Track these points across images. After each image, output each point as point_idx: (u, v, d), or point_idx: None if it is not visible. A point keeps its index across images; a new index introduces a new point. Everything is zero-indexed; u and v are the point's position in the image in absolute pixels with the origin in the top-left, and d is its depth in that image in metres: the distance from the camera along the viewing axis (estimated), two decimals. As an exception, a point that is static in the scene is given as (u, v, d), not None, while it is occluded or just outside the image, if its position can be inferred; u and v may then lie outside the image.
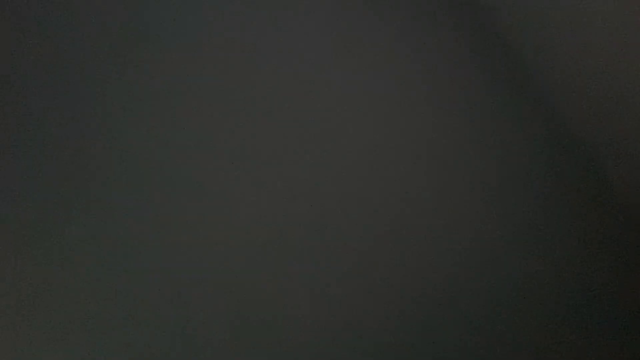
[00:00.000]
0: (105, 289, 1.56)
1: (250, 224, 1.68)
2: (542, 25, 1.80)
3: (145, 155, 1.61)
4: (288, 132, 1.72)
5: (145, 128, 1.61)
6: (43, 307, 1.52)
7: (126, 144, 1.60)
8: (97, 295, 1.56)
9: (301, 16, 1.75)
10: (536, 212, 1.92)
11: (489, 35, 1.90)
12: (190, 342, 1.62)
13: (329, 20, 1.78)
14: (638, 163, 1.86)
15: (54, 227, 1.54)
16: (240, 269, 1.67)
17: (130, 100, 1.60)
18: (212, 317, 1.64)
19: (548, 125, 1.94)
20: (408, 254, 1.80)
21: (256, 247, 1.68)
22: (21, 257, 1.51)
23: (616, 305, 1.98)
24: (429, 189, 1.83)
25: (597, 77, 1.78)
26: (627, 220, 1.98)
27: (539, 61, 1.88)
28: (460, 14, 1.88)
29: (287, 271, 1.70)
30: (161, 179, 1.62)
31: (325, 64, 1.76)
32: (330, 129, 1.76)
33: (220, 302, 1.65)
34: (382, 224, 1.78)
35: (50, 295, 1.52)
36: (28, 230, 1.52)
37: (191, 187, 1.64)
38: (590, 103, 1.85)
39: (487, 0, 1.87)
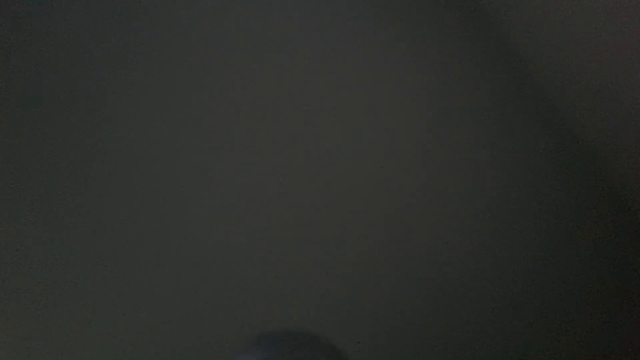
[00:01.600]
0: (105, 288, 1.57)
1: (251, 223, 1.68)
2: (543, 26, 1.80)
3: (147, 154, 1.61)
4: (288, 133, 1.72)
5: (147, 127, 1.62)
6: (43, 306, 1.52)
7: (128, 144, 1.60)
8: (98, 295, 1.56)
9: (300, 17, 1.76)
10: (537, 212, 1.92)
11: (491, 35, 1.90)
12: (191, 341, 1.63)
13: (329, 20, 1.78)
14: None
15: (55, 226, 1.54)
16: (242, 268, 1.67)
17: (131, 100, 1.61)
18: (213, 316, 1.64)
19: (550, 126, 1.94)
20: (408, 257, 1.80)
21: (257, 246, 1.69)
22: (22, 256, 1.51)
23: (617, 304, 1.98)
24: (430, 190, 1.83)
25: (599, 76, 1.78)
26: (629, 220, 1.98)
27: (540, 62, 1.88)
28: (461, 15, 1.88)
29: (289, 271, 1.71)
30: (162, 179, 1.62)
31: (327, 64, 1.77)
32: (330, 129, 1.76)
33: (223, 300, 1.65)
34: (384, 227, 1.78)
35: (51, 294, 1.53)
36: (29, 229, 1.52)
37: (193, 187, 1.64)
38: (592, 103, 1.85)
39: (488, 1, 1.87)
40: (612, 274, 1.99)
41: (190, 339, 1.63)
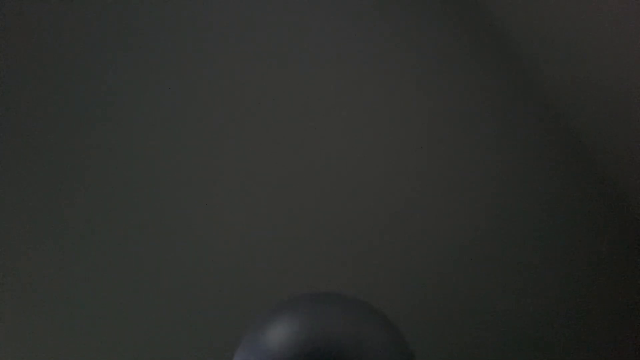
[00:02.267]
0: (105, 288, 1.57)
1: (249, 224, 1.68)
2: (543, 26, 1.79)
3: (147, 154, 1.61)
4: (287, 132, 1.72)
5: (147, 127, 1.61)
6: (42, 306, 1.52)
7: (128, 144, 1.60)
8: (97, 294, 1.56)
9: (301, 17, 1.75)
10: (537, 212, 1.92)
11: (490, 35, 1.90)
12: (189, 341, 1.62)
13: (329, 20, 1.77)
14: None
15: (55, 225, 1.54)
16: (240, 268, 1.67)
17: (132, 99, 1.61)
18: (212, 316, 1.64)
19: (550, 126, 1.93)
20: (406, 258, 1.80)
21: (256, 246, 1.68)
22: (21, 256, 1.51)
23: (616, 304, 1.98)
24: (429, 191, 1.83)
25: (600, 76, 1.78)
26: (629, 220, 1.98)
27: (540, 62, 1.88)
28: (460, 14, 1.88)
29: (288, 271, 1.70)
30: (162, 178, 1.62)
31: (327, 65, 1.76)
32: (330, 129, 1.76)
33: (222, 300, 1.65)
34: (382, 225, 1.78)
35: (51, 294, 1.53)
36: (29, 229, 1.52)
37: (192, 187, 1.64)
38: (592, 103, 1.85)
39: (487, 0, 1.86)
40: (611, 273, 1.99)
41: (188, 338, 1.63)
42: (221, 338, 1.65)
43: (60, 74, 1.57)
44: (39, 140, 1.55)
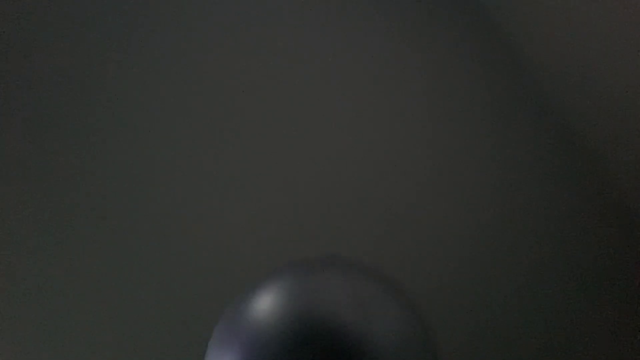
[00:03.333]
0: (104, 289, 1.56)
1: (248, 223, 1.68)
2: (543, 25, 1.79)
3: (147, 153, 1.61)
4: (286, 132, 1.72)
5: (146, 126, 1.61)
6: (41, 306, 1.51)
7: (128, 143, 1.59)
8: (96, 295, 1.55)
9: (299, 15, 1.75)
10: (536, 211, 1.92)
11: (489, 33, 1.90)
12: (189, 340, 1.62)
13: (327, 19, 1.77)
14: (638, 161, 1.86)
15: (54, 225, 1.53)
16: (238, 268, 1.66)
17: (131, 98, 1.60)
18: (210, 317, 1.64)
19: (549, 124, 1.94)
20: (406, 258, 1.80)
21: (255, 246, 1.68)
22: (21, 257, 1.50)
23: (615, 303, 1.98)
24: (429, 189, 1.82)
25: (599, 75, 1.78)
26: (628, 219, 1.98)
27: (539, 61, 1.88)
28: (460, 13, 1.88)
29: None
30: (162, 177, 1.61)
31: (327, 65, 1.76)
32: (329, 128, 1.75)
33: (220, 301, 1.64)
34: (382, 224, 1.78)
35: (49, 294, 1.52)
36: (28, 229, 1.51)
37: (191, 186, 1.63)
38: (591, 101, 1.85)
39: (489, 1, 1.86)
40: (612, 275, 1.99)
41: (187, 338, 1.62)
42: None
43: (60, 73, 1.56)
44: (38, 140, 1.54)
